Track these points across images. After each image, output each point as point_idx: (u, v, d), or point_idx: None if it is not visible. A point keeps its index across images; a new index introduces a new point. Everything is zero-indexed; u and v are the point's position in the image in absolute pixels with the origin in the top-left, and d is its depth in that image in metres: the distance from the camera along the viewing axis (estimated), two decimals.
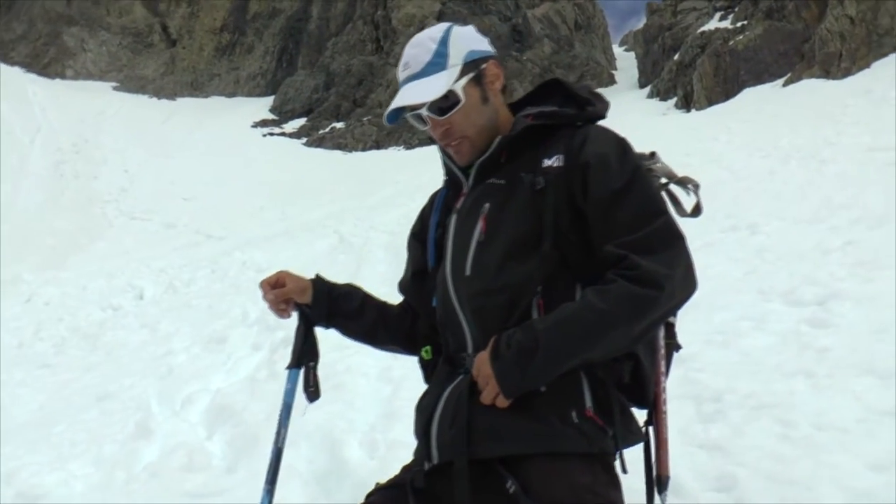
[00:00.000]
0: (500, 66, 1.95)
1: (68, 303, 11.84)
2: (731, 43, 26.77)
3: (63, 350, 8.77)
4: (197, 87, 48.84)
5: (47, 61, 47.11)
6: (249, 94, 48.11)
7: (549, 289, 1.73)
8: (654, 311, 1.61)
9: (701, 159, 13.97)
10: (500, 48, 39.86)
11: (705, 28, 30.54)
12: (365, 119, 36.82)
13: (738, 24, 28.47)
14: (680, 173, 1.96)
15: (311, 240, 13.08)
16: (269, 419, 4.40)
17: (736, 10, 30.10)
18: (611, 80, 41.57)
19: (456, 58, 1.85)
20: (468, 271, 1.82)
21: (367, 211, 15.78)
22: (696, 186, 1.94)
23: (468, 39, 1.91)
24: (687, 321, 4.73)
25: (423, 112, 1.85)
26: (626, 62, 44.78)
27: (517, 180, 1.80)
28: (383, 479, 2.01)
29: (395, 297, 2.29)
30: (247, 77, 49.97)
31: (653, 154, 1.98)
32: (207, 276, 11.63)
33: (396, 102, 1.87)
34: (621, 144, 1.78)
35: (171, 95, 46.34)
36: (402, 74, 1.90)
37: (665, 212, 1.70)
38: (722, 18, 30.85)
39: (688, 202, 1.97)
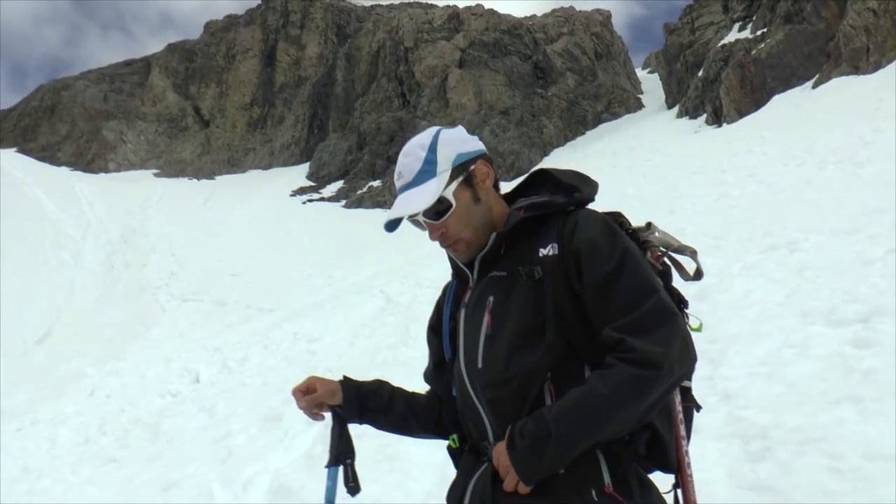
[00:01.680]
0: (489, 163, 2.04)
1: (129, 392, 12.13)
2: (753, 52, 26.66)
3: (126, 443, 8.97)
4: (234, 164, 50.08)
5: (91, 157, 48.85)
6: (285, 164, 49.12)
7: (558, 374, 1.78)
8: (655, 389, 1.66)
9: (736, 175, 13.86)
10: (525, 87, 40.18)
11: (725, 41, 30.42)
12: None
13: (759, 33, 28.34)
14: (675, 242, 2.00)
15: (358, 303, 13.22)
16: None
17: (754, 18, 29.96)
18: (638, 105, 41.56)
19: (444, 163, 1.94)
20: (480, 364, 1.89)
21: (412, 267, 15.91)
22: (694, 253, 1.98)
23: (455, 142, 2.00)
24: (730, 354, 4.76)
25: (420, 218, 1.95)
26: (651, 84, 44.74)
27: (516, 273, 1.87)
28: None
29: None
30: (280, 147, 51.10)
31: (649, 225, 2.03)
32: (260, 351, 11.83)
33: (392, 213, 1.96)
34: (609, 227, 1.84)
35: (210, 175, 47.56)
36: (397, 183, 2.00)
37: (657, 290, 1.75)
38: (741, 29, 30.71)
39: (690, 266, 2.01)
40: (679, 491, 1.94)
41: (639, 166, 20.52)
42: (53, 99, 55.50)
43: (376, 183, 38.15)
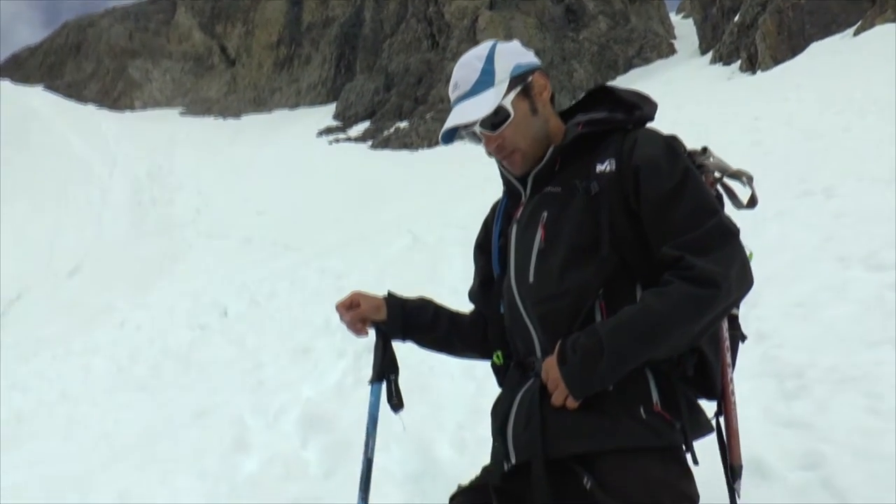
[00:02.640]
0: (546, 76, 2.01)
1: (158, 325, 12.33)
2: None
3: (158, 372, 9.16)
4: (260, 103, 49.95)
5: (116, 95, 48.98)
6: (312, 104, 48.91)
7: (610, 291, 1.78)
8: (712, 310, 1.65)
9: (771, 122, 13.60)
10: (556, 30, 39.48)
11: None
12: (428, 116, 37.01)
13: None
14: (731, 168, 1.98)
15: (385, 242, 13.25)
16: (360, 425, 4.50)
17: None
18: (671, 50, 40.69)
19: (502, 73, 1.92)
20: (532, 279, 1.89)
21: (439, 207, 15.89)
22: (750, 179, 1.96)
23: (513, 54, 1.97)
24: (765, 296, 4.72)
25: (476, 129, 1.93)
26: (685, 30, 43.70)
27: (572, 187, 1.86)
28: (470, 479, 2.10)
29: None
30: (307, 87, 50.82)
31: (705, 150, 2.01)
32: (287, 287, 11.93)
33: (449, 123, 1.95)
34: (670, 146, 1.82)
35: (236, 114, 47.53)
36: (452, 95, 1.99)
37: (717, 210, 1.74)
38: None
39: (743, 194, 1.98)
40: (721, 418, 1.95)
41: (670, 113, 20.10)
42: (79, 37, 55.49)
43: (403, 124, 37.91)
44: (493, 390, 4.69)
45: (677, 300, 1.63)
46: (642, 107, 1.96)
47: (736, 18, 29.93)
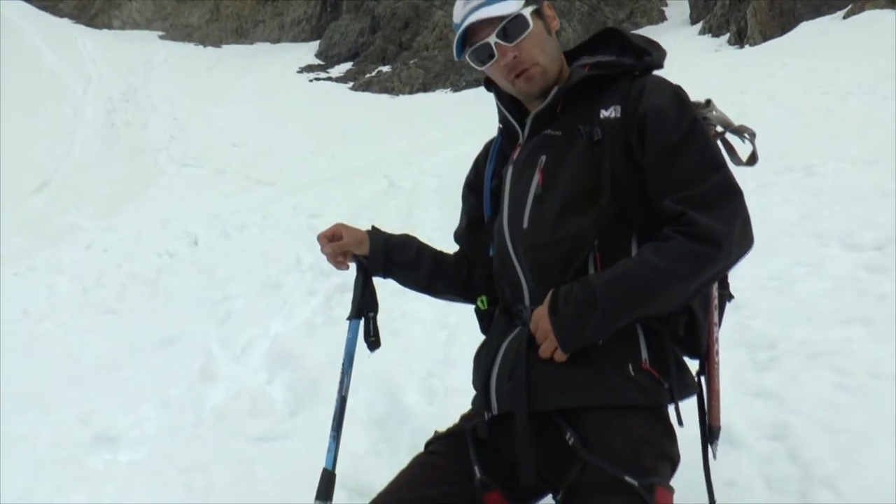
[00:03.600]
0: (554, 9, 1.96)
1: (126, 249, 12.15)
2: None
3: (125, 296, 9.04)
4: (242, 34, 48.76)
5: (94, 12, 47.41)
6: (294, 40, 47.86)
7: (605, 241, 1.75)
8: (712, 268, 1.63)
9: (756, 97, 13.59)
10: None
11: None
12: (411, 62, 36.45)
13: None
14: (736, 121, 1.95)
15: (361, 184, 13.12)
16: (329, 364, 4.53)
17: None
18: (661, 17, 40.38)
19: None
20: (526, 224, 1.85)
21: (417, 154, 15.72)
22: (753, 135, 1.93)
23: None
24: (741, 267, 4.71)
25: (492, 39, 1.83)
26: None
27: (574, 132, 1.80)
28: (442, 425, 2.08)
29: (447, 243, 2.33)
30: (291, 22, 49.66)
31: (708, 102, 1.97)
32: (259, 221, 11.79)
33: (471, 19, 1.84)
34: (679, 95, 1.78)
35: (217, 43, 46.36)
36: (465, 8, 1.88)
37: (723, 166, 1.70)
38: None
39: (743, 151, 1.96)
40: (703, 378, 1.95)
41: None
42: None
43: (386, 68, 37.32)
44: (466, 340, 4.71)
45: (677, 256, 1.61)
46: (651, 53, 1.90)
47: None
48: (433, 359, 4.55)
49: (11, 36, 32.13)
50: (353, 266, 2.23)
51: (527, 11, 1.83)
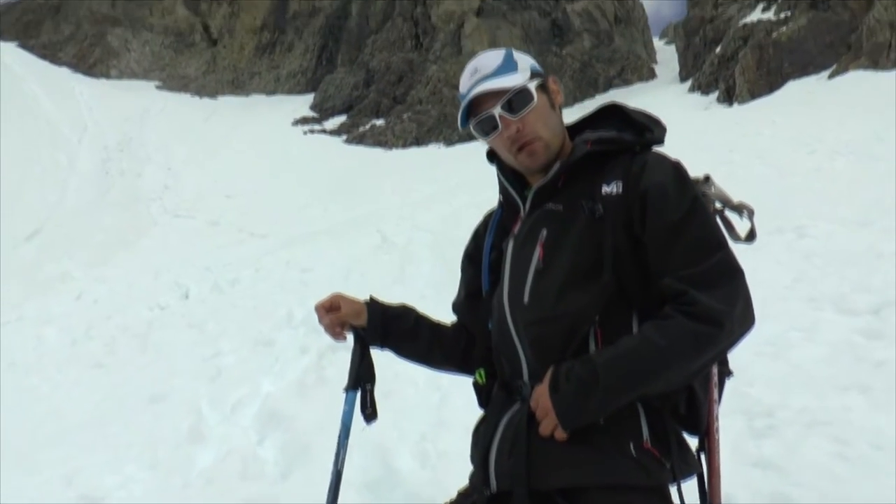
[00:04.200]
0: (559, 84, 1.98)
1: (117, 300, 12.09)
2: (774, 35, 26.35)
3: (114, 349, 8.95)
4: (238, 86, 49.32)
5: (93, 61, 47.96)
6: (290, 92, 48.42)
7: (606, 318, 1.73)
8: (713, 348, 1.62)
9: (744, 155, 13.78)
10: (540, 43, 39.71)
11: (748, 20, 30.04)
12: (405, 116, 36.87)
13: (782, 16, 27.95)
14: (735, 198, 1.96)
15: (354, 238, 13.14)
16: (321, 426, 4.48)
17: (779, 0, 29.52)
18: (651, 74, 41.14)
19: (524, 65, 1.88)
20: (526, 299, 1.83)
21: (410, 209, 15.80)
22: (751, 212, 1.93)
23: (529, 58, 1.94)
24: None
25: (496, 111, 1.83)
26: (666, 55, 44.23)
27: (576, 206, 1.80)
28: (435, 490, 2.04)
29: (441, 300, 2.31)
30: (287, 75, 50.31)
31: (707, 178, 1.98)
32: (252, 275, 11.77)
33: (477, 91, 1.84)
34: (680, 173, 1.78)
35: (213, 94, 46.86)
36: (471, 79, 1.88)
37: (724, 245, 1.70)
38: (765, 10, 30.25)
39: (742, 227, 1.96)
40: (703, 455, 1.92)
41: None
42: None
43: (379, 122, 37.71)
44: (458, 402, 4.66)
45: (679, 336, 1.60)
46: (653, 129, 1.91)
47: (717, 50, 30.40)
48: (426, 421, 4.50)
49: (11, 84, 32.47)
50: (350, 337, 2.21)
51: (532, 85, 1.84)
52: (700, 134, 18.39)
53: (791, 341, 4.49)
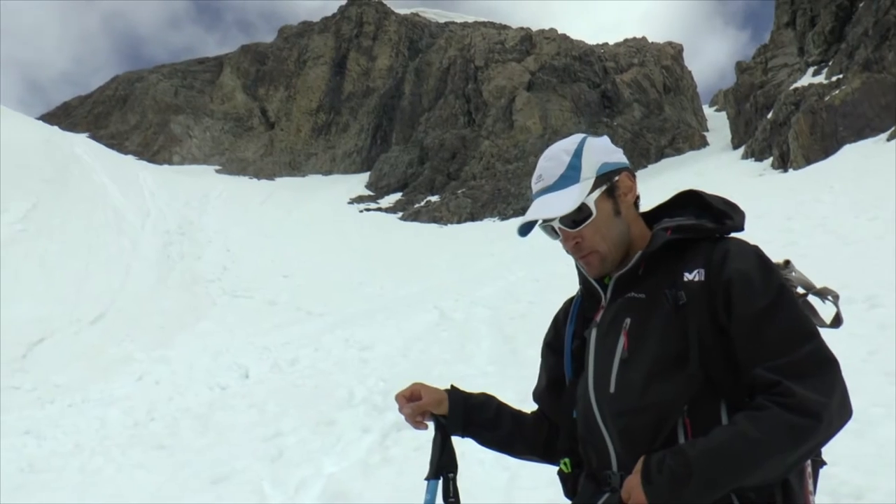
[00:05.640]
0: (633, 177, 1.96)
1: (177, 381, 12.25)
2: (826, 98, 26.06)
3: (176, 431, 9.03)
4: (295, 167, 50.79)
5: (157, 149, 50.05)
6: (345, 172, 49.67)
7: (695, 408, 1.70)
8: (811, 441, 1.57)
9: (804, 223, 13.56)
10: (591, 115, 40.33)
11: (798, 84, 29.84)
12: (459, 192, 37.38)
13: (834, 79, 27.68)
14: (815, 284, 1.91)
15: (411, 315, 13.19)
16: None
17: (830, 63, 29.32)
18: (703, 142, 41.10)
19: (589, 171, 1.88)
20: (612, 389, 1.81)
21: (467, 284, 15.83)
22: (836, 297, 1.88)
23: (601, 152, 1.93)
24: None
25: (556, 224, 1.88)
26: (717, 122, 44.24)
27: (658, 295, 1.78)
28: None
29: (502, 377, 2.29)
30: (342, 155, 51.68)
31: (787, 263, 1.94)
32: (311, 354, 11.85)
33: (530, 215, 1.89)
34: (763, 260, 1.76)
35: (271, 176, 48.30)
36: (535, 186, 1.94)
37: (815, 334, 1.66)
38: (815, 73, 30.05)
39: (826, 312, 1.91)
40: None
41: None
42: (127, 89, 57.22)
43: (434, 198, 38.30)
44: (526, 483, 4.55)
45: (775, 428, 1.55)
46: (732, 216, 1.90)
47: (769, 115, 30.23)
48: (493, 501, 4.40)
49: (81, 173, 33.83)
50: (431, 426, 2.20)
51: (592, 198, 1.84)
52: (756, 201, 18.14)
53: (873, 418, 4.30)
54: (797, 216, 14.54)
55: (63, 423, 10.38)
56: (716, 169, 30.06)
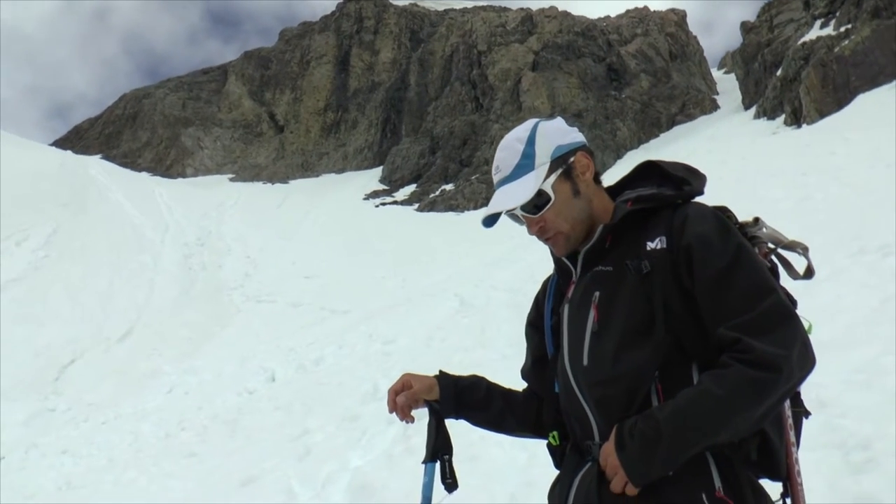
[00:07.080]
0: (590, 155, 1.99)
1: (206, 390, 12.43)
2: (836, 49, 25.64)
3: (206, 438, 9.18)
4: (308, 168, 51.00)
5: (169, 163, 50.50)
6: (358, 168, 49.79)
7: (666, 373, 1.73)
8: (773, 393, 1.59)
9: (819, 177, 13.41)
10: (598, 89, 39.94)
11: (806, 38, 29.41)
12: (473, 178, 37.39)
13: (842, 29, 27.23)
14: (787, 237, 1.93)
15: (432, 305, 13.25)
16: (410, 495, 4.47)
17: (837, 14, 28.85)
18: (714, 106, 40.71)
19: (543, 156, 1.91)
20: (586, 361, 1.85)
21: (486, 269, 15.88)
22: (805, 249, 1.90)
23: (554, 135, 1.96)
24: (821, 363, 4.52)
25: (518, 212, 1.92)
26: (727, 84, 43.78)
27: (623, 266, 1.82)
28: None
29: (521, 359, 2.33)
30: (354, 151, 51.80)
31: (757, 220, 1.96)
32: (335, 352, 11.95)
33: (490, 208, 1.94)
34: (721, 222, 1.78)
35: (284, 179, 48.55)
36: (494, 178, 1.99)
37: (774, 289, 1.68)
38: (823, 26, 29.61)
39: (799, 264, 1.92)
40: (788, 500, 1.87)
41: (715, 169, 19.94)
42: (135, 107, 57.73)
43: (449, 186, 38.33)
44: (546, 460, 4.58)
45: (737, 384, 1.57)
46: (691, 181, 1.92)
47: (778, 73, 29.83)
48: (514, 482, 4.46)
49: (98, 194, 34.26)
50: (425, 411, 2.26)
51: (549, 183, 1.88)
52: (770, 159, 17.99)
53: (884, 367, 4.26)
54: (812, 171, 14.38)
55: (97, 439, 10.59)
56: (728, 131, 29.76)
